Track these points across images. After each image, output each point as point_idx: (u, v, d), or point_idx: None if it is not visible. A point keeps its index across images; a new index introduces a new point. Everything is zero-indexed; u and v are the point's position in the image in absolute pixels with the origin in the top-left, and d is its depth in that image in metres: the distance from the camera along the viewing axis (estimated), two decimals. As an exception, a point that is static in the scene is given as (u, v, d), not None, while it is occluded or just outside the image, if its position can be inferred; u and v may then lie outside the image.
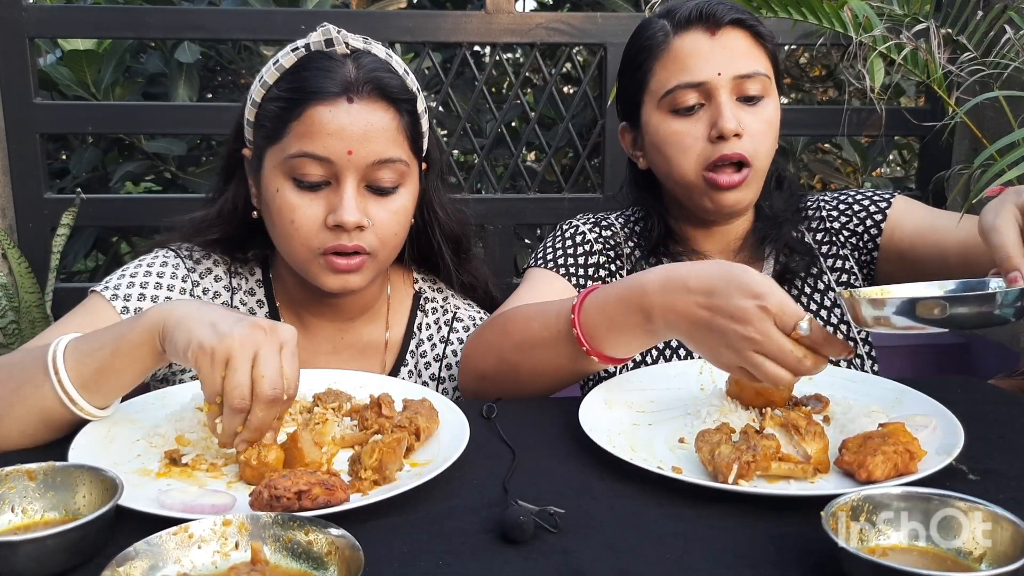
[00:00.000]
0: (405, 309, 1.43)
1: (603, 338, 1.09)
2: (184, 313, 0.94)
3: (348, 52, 1.23)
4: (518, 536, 0.77)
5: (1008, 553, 0.69)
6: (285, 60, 1.23)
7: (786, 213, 1.44)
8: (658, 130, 1.36)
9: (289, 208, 1.20)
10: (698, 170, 1.32)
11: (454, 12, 2.71)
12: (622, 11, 2.92)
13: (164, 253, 1.33)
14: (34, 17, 2.45)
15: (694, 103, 1.32)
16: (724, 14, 1.32)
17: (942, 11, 2.29)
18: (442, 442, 0.99)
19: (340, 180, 1.20)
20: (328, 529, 0.71)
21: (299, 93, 1.19)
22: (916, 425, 0.96)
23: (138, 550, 0.69)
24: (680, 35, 1.33)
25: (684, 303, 1.00)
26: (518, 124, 3.47)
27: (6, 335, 2.42)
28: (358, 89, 1.19)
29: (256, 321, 0.91)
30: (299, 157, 1.18)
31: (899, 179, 3.76)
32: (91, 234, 3.09)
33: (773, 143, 1.36)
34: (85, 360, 0.97)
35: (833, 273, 1.47)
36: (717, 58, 1.31)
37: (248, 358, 0.89)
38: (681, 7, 1.35)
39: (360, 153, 1.19)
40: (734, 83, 1.31)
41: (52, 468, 0.81)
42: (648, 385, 1.17)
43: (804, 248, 1.45)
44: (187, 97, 2.90)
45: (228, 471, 0.94)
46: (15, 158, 2.51)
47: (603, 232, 1.48)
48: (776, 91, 1.37)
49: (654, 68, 1.35)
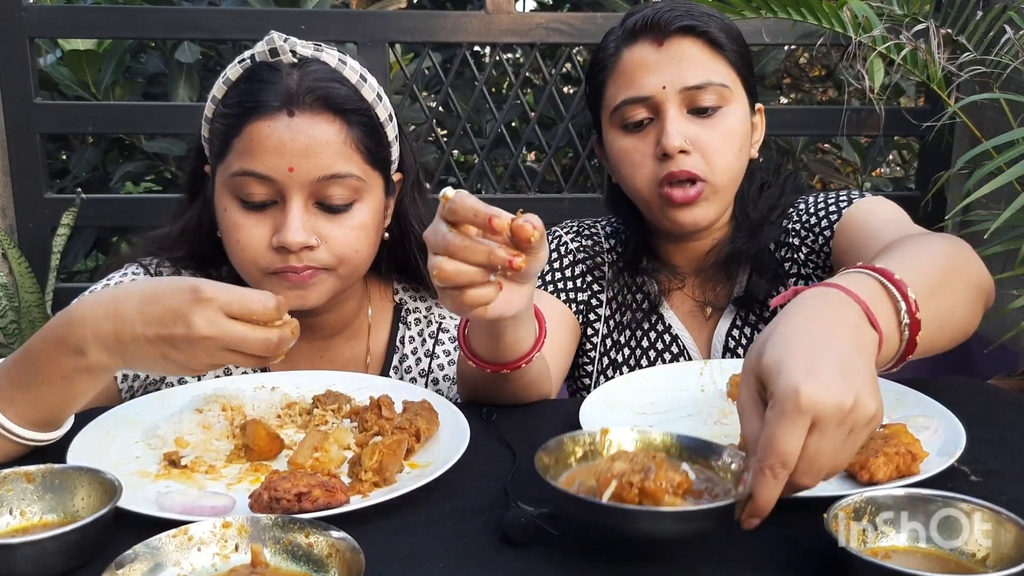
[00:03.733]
0: (386, 323, 1.38)
1: (479, 345, 1.04)
2: (124, 359, 0.89)
3: (295, 61, 1.17)
4: (519, 538, 0.77)
5: (1011, 555, 0.69)
6: (231, 72, 1.19)
7: (769, 218, 1.36)
8: (612, 146, 1.32)
9: (235, 228, 1.16)
10: (651, 187, 1.27)
11: (454, 12, 2.71)
12: (622, 11, 2.91)
13: (134, 269, 1.28)
14: (34, 17, 2.45)
15: (642, 118, 1.27)
16: (671, 21, 1.25)
17: (942, 11, 2.28)
18: (442, 444, 0.98)
19: (285, 199, 1.14)
20: (328, 531, 0.71)
21: (239, 108, 1.15)
22: (918, 426, 0.96)
23: (137, 552, 0.69)
24: (629, 47, 1.28)
25: None
26: (518, 124, 3.46)
27: (6, 335, 2.42)
28: (299, 101, 1.13)
29: (184, 333, 0.85)
30: (240, 176, 1.14)
31: (899, 179, 3.76)
32: (91, 234, 3.09)
33: (735, 155, 1.27)
34: (32, 408, 0.92)
35: (791, 279, 1.37)
36: (663, 70, 1.25)
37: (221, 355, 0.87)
38: (633, 13, 1.30)
39: (303, 169, 1.13)
40: (683, 96, 1.25)
41: (50, 470, 0.81)
42: (649, 386, 1.16)
43: (771, 269, 1.36)
44: (187, 97, 2.89)
45: (228, 473, 0.93)
46: (15, 158, 2.51)
47: (584, 241, 1.46)
48: (744, 97, 1.30)
49: (606, 82, 1.31)
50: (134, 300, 0.88)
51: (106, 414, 1.04)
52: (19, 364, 0.93)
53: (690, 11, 1.27)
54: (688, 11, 1.27)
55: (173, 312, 0.86)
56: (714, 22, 1.28)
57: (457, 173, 2.91)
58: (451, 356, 1.38)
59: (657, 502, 0.70)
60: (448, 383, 1.37)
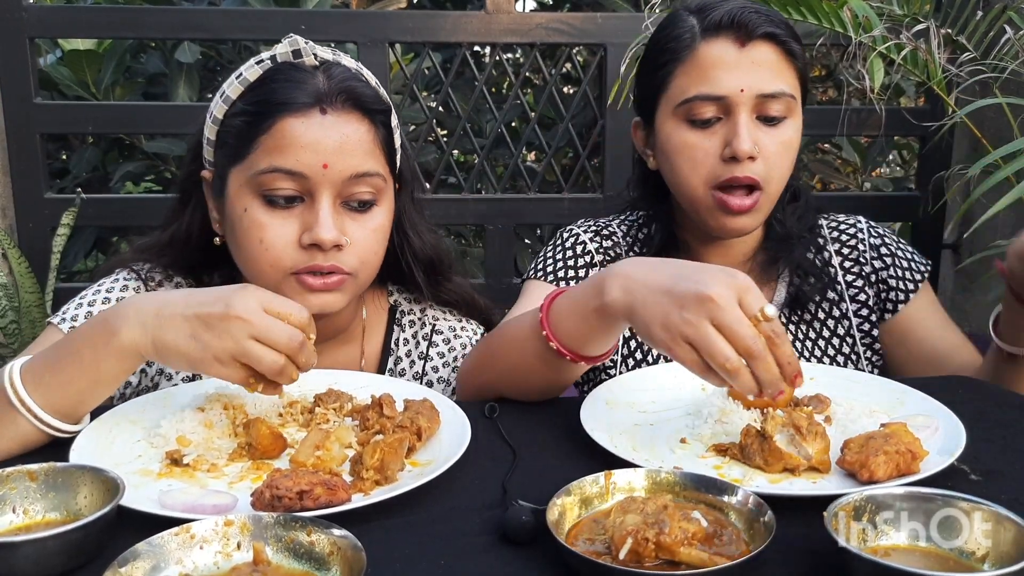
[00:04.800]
0: (380, 326, 1.38)
1: (568, 331, 1.03)
2: (156, 336, 0.93)
3: (317, 64, 1.17)
4: (519, 537, 0.77)
5: (1010, 553, 0.69)
6: (249, 73, 1.17)
7: (799, 231, 1.38)
8: (670, 138, 1.29)
9: (258, 227, 1.14)
10: (706, 187, 1.27)
11: (454, 12, 2.71)
12: (622, 11, 2.92)
13: (125, 276, 1.28)
14: (34, 17, 2.45)
15: (711, 116, 1.26)
16: (758, 25, 1.24)
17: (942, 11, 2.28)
18: (443, 442, 0.98)
19: (315, 196, 1.14)
20: (330, 529, 0.71)
21: (267, 106, 1.13)
22: (918, 425, 0.96)
23: (140, 551, 0.69)
24: (707, 41, 1.25)
25: (645, 271, 0.94)
26: (518, 124, 3.47)
27: (6, 335, 2.42)
28: (331, 100, 1.14)
29: (223, 312, 0.91)
30: (270, 173, 1.12)
31: (899, 179, 3.76)
32: (91, 234, 3.09)
33: (789, 166, 1.30)
34: (59, 392, 0.95)
35: (853, 304, 1.42)
36: (743, 72, 1.23)
37: (248, 343, 0.91)
38: (714, 7, 1.27)
39: (336, 166, 1.13)
40: (756, 101, 1.24)
41: (53, 469, 0.81)
42: (650, 385, 1.17)
43: (819, 271, 1.39)
44: (187, 97, 2.89)
45: (229, 471, 0.94)
46: (15, 158, 2.51)
47: (603, 242, 1.43)
48: (800, 112, 1.31)
49: (675, 72, 1.28)
50: (185, 291, 0.97)
51: (108, 413, 1.04)
52: (58, 346, 0.98)
53: (770, 17, 1.26)
54: (769, 17, 1.26)
55: (216, 295, 0.93)
56: (790, 31, 1.28)
57: (457, 173, 2.92)
58: (444, 358, 1.38)
59: (673, 555, 0.71)
60: (442, 385, 1.36)
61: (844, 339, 1.41)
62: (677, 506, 0.74)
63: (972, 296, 2.69)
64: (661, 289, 0.91)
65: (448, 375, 1.37)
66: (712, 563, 0.69)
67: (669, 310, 0.89)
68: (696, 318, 0.86)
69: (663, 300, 0.90)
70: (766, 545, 0.70)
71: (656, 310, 0.90)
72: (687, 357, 0.88)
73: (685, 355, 0.88)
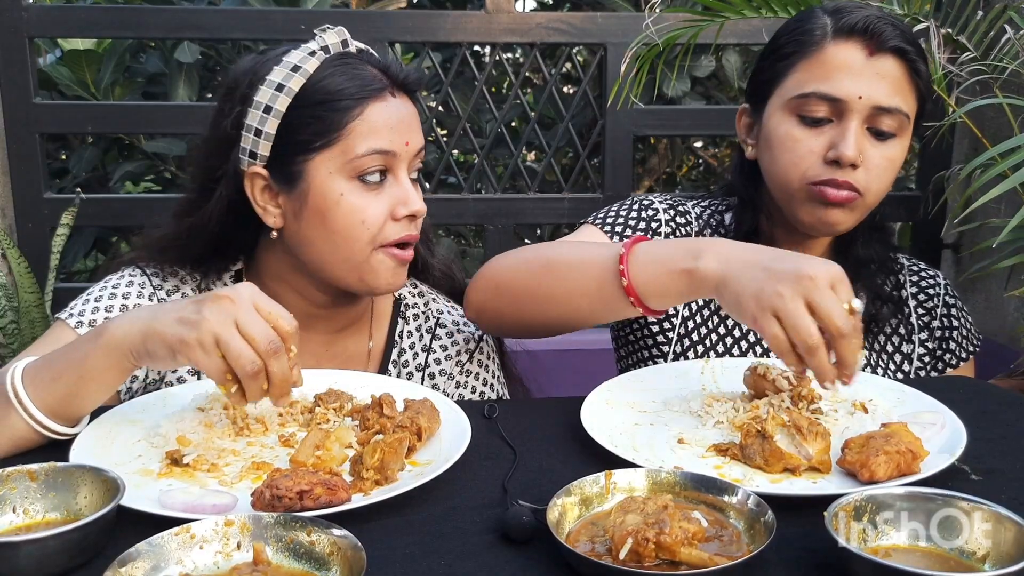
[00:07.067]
0: (386, 317, 1.40)
1: (645, 279, 1.05)
2: (144, 326, 0.94)
3: (356, 52, 1.26)
4: (519, 536, 0.77)
5: (1011, 553, 0.69)
6: (308, 66, 1.20)
7: (879, 257, 1.40)
8: (776, 129, 1.29)
9: (360, 209, 1.20)
10: (802, 183, 1.27)
11: (454, 12, 2.71)
12: (622, 11, 2.92)
13: (131, 272, 1.29)
14: (34, 17, 2.45)
15: (823, 116, 1.25)
16: (890, 37, 1.23)
17: (942, 11, 2.28)
18: (443, 442, 0.98)
19: (396, 173, 1.23)
20: (330, 529, 0.71)
21: (346, 95, 1.19)
22: (925, 422, 0.96)
23: (140, 550, 0.69)
24: (837, 42, 1.25)
25: (742, 249, 1.00)
26: (518, 124, 3.47)
27: (6, 335, 2.42)
28: (394, 84, 1.23)
29: (214, 295, 0.93)
30: (369, 155, 1.19)
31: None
32: (91, 234, 3.09)
33: (888, 183, 1.30)
34: (50, 388, 0.96)
35: (920, 348, 1.46)
36: (865, 80, 1.23)
37: (232, 329, 0.90)
38: (850, 11, 1.27)
39: (414, 143, 1.24)
40: (871, 112, 1.24)
41: (53, 468, 0.81)
42: (650, 385, 1.17)
43: (897, 302, 1.42)
44: (187, 97, 2.89)
45: (229, 471, 0.94)
46: (15, 158, 2.50)
47: (677, 217, 1.42)
48: (910, 132, 1.30)
49: (797, 65, 1.28)
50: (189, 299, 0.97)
51: (108, 413, 1.04)
52: (60, 348, 1.01)
53: (904, 32, 1.26)
54: (902, 32, 1.26)
55: (212, 291, 0.95)
56: (919, 50, 1.27)
57: (457, 173, 2.92)
58: (448, 351, 1.38)
59: (673, 555, 0.71)
60: (444, 378, 1.37)
61: (895, 375, 1.43)
62: (677, 506, 0.74)
63: (972, 296, 2.69)
64: (759, 265, 0.96)
65: (451, 368, 1.38)
66: (712, 563, 0.69)
67: (764, 284, 0.93)
68: (790, 292, 0.91)
69: (760, 275, 0.95)
70: (766, 545, 0.70)
71: (751, 283, 0.95)
72: (772, 331, 0.92)
73: (770, 328, 0.92)
